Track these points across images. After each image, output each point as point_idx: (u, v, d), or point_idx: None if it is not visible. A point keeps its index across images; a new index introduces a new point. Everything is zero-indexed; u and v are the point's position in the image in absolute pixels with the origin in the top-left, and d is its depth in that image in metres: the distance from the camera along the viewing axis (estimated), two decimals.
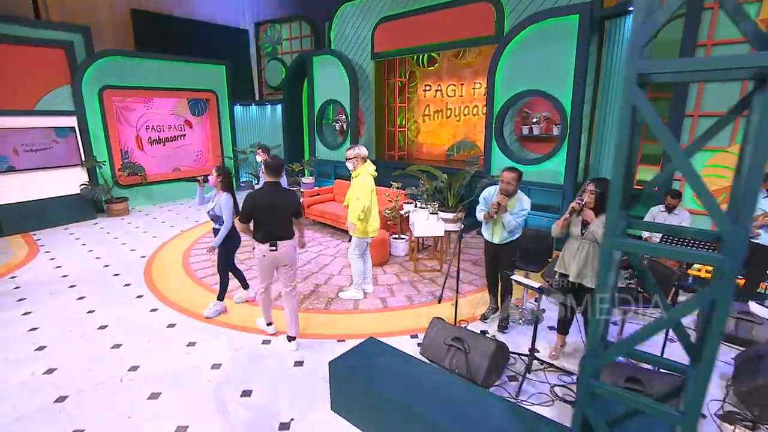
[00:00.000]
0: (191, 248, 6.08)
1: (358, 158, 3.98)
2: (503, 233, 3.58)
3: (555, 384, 3.04)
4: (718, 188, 4.38)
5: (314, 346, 3.56)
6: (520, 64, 5.95)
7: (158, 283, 4.86)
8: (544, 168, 6.05)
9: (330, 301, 4.38)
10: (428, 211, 5.18)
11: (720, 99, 4.23)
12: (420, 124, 9.84)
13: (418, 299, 4.44)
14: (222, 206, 3.76)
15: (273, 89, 11.79)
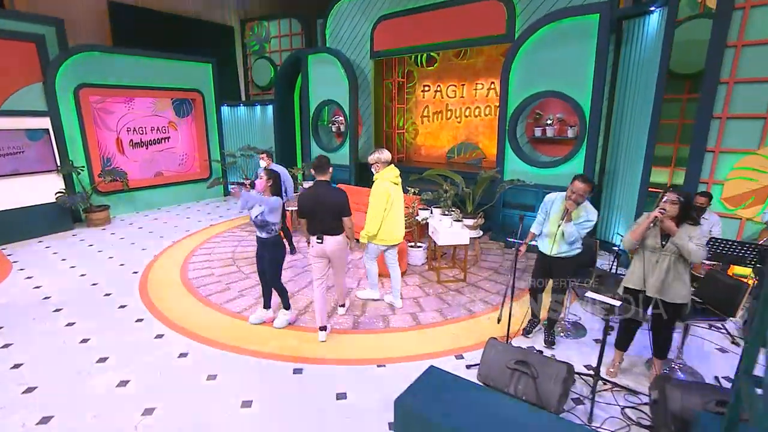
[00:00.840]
0: (188, 261, 5.58)
1: (379, 163, 3.87)
2: (562, 245, 3.34)
3: (625, 406, 2.83)
4: (747, 191, 4.32)
5: (353, 373, 3.21)
6: (536, 64, 5.78)
7: (158, 303, 4.37)
8: (561, 171, 5.91)
9: (357, 319, 4.03)
10: (452, 218, 4.91)
11: (749, 101, 4.16)
12: (418, 126, 9.60)
13: (450, 314, 4.16)
14: (269, 213, 3.50)
15: (261, 89, 11.27)
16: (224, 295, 4.50)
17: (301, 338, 3.69)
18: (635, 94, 5.38)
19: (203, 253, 5.89)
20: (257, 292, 4.58)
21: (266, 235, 3.64)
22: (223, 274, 5.10)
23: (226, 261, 5.58)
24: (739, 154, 4.31)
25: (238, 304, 4.29)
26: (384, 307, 4.30)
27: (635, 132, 5.43)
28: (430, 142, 9.52)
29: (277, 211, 3.54)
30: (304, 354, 3.42)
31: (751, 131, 4.22)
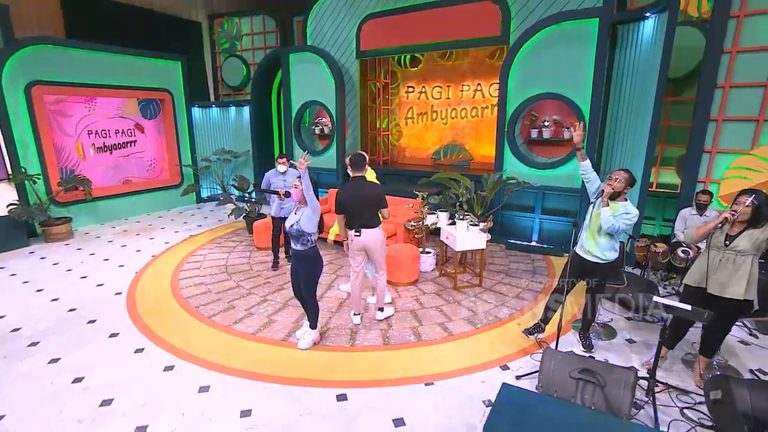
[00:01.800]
0: (177, 277, 5.06)
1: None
2: (599, 247, 3.27)
3: (682, 407, 2.83)
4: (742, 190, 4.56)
5: (401, 395, 2.98)
6: (535, 66, 5.83)
7: (156, 328, 3.88)
8: (560, 172, 6.00)
9: (384, 334, 3.80)
10: (468, 222, 4.80)
11: (743, 104, 4.40)
12: (402, 128, 9.46)
13: (479, 321, 4.04)
14: (306, 221, 3.23)
15: (232, 89, 10.63)
16: (230, 315, 4.09)
17: (332, 359, 3.40)
18: (630, 97, 5.56)
19: (192, 268, 5.37)
20: (266, 309, 4.22)
21: (301, 247, 3.33)
22: (221, 291, 4.66)
23: (220, 275, 5.12)
24: (734, 155, 4.55)
25: (249, 324, 3.91)
26: (409, 317, 4.09)
27: (630, 134, 5.61)
28: (415, 144, 9.41)
29: (314, 219, 3.25)
30: (341, 376, 3.14)
31: (745, 133, 4.46)
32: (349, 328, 3.88)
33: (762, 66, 4.28)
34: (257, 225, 6.09)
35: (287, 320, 4.01)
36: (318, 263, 3.38)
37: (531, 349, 3.57)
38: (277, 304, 4.35)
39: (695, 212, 4.54)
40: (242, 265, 5.47)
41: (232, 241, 6.53)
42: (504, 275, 5.26)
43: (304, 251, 3.32)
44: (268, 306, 4.29)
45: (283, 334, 3.75)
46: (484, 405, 2.87)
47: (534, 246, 6.26)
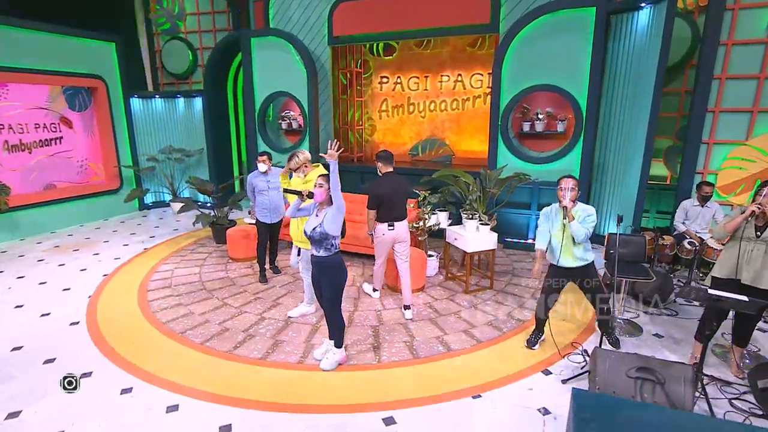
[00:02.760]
0: (146, 298, 4.64)
1: (307, 163, 4.06)
2: (576, 252, 3.42)
3: (731, 398, 3.07)
4: (737, 179, 5.09)
5: (452, 411, 2.95)
6: (530, 56, 6.07)
7: (140, 362, 3.51)
8: (557, 166, 6.29)
9: (410, 346, 3.74)
10: (477, 221, 4.88)
11: (738, 95, 4.91)
12: (376, 121, 9.43)
13: (503, 326, 4.12)
14: (330, 222, 3.09)
15: (176, 77, 9.98)
16: (227, 339, 3.81)
17: (364, 379, 3.29)
18: (624, 88, 5.97)
19: (160, 286, 4.95)
20: (267, 329, 4.00)
21: (325, 252, 3.18)
22: (206, 312, 4.34)
23: (199, 293, 4.77)
24: (730, 145, 5.05)
25: (253, 348, 3.67)
26: (430, 326, 4.07)
27: (625, 126, 6.03)
28: (390, 139, 9.42)
29: (339, 219, 3.11)
30: (379, 397, 3.05)
31: (740, 124, 4.98)
32: (369, 343, 3.78)
33: (756, 58, 4.80)
34: (232, 233, 5.76)
35: (296, 339, 3.82)
36: (343, 272, 3.25)
37: (565, 351, 3.69)
38: (277, 322, 4.13)
39: (697, 203, 4.97)
40: (221, 280, 5.14)
41: (200, 253, 6.11)
42: (511, 276, 5.42)
43: (328, 258, 3.18)
44: (269, 325, 4.06)
45: (298, 356, 3.56)
46: (540, 413, 2.92)
47: (531, 244, 6.50)
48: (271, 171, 4.96)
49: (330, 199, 3.14)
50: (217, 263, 5.71)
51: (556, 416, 2.89)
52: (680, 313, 4.34)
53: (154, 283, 5.06)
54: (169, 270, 5.45)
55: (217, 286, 4.98)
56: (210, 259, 5.88)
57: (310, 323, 4.13)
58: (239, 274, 5.33)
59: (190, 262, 5.75)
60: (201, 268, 5.52)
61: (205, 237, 6.87)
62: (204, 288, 4.91)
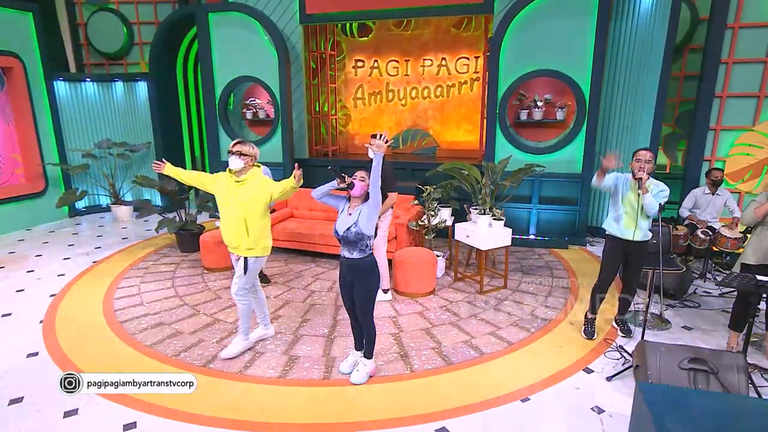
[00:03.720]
0: (115, 320, 4.44)
1: (253, 158, 3.65)
2: (641, 223, 3.84)
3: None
4: (746, 165, 5.68)
5: (500, 415, 3.10)
6: (529, 40, 6.41)
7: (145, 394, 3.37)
8: (558, 157, 6.68)
9: (440, 353, 3.87)
10: (491, 217, 5.10)
11: (745, 80, 5.48)
12: (350, 110, 9.51)
13: (530, 326, 4.35)
14: (366, 220, 3.13)
15: (106, 57, 9.51)
16: (232, 360, 3.75)
17: (402, 390, 3.37)
18: (627, 71, 6.44)
19: (130, 305, 4.74)
20: (275, 345, 3.98)
21: (359, 254, 3.20)
22: (197, 330, 4.23)
23: (181, 310, 4.63)
24: (737, 132, 5.63)
25: (267, 367, 3.64)
26: (454, 330, 4.22)
27: (628, 110, 6.52)
28: (367, 130, 9.50)
29: (375, 217, 3.17)
30: (424, 408, 3.15)
31: (747, 109, 5.56)
32: (394, 352, 3.86)
33: (763, 42, 5.39)
34: (207, 240, 5.62)
35: (313, 354, 3.83)
36: (378, 275, 3.31)
37: (600, 348, 3.97)
38: (285, 336, 4.12)
39: (708, 191, 5.49)
40: (201, 294, 5.02)
41: (165, 264, 5.90)
42: (521, 273, 5.70)
43: (363, 260, 3.22)
44: (277, 341, 4.04)
45: (321, 371, 3.58)
46: (595, 413, 3.14)
47: (533, 239, 6.87)
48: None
49: (366, 195, 3.19)
50: (191, 275, 5.55)
51: (611, 414, 3.12)
52: (702, 305, 4.78)
53: (121, 301, 4.84)
54: (134, 285, 5.23)
55: (200, 300, 4.85)
56: (181, 270, 5.70)
57: (322, 335, 4.15)
58: (222, 286, 5.22)
59: (157, 275, 5.54)
60: (173, 281, 5.35)
61: (165, 245, 6.63)
62: (185, 303, 4.77)
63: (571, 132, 6.63)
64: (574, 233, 6.90)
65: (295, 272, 5.66)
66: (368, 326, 3.40)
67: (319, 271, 5.71)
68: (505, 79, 6.64)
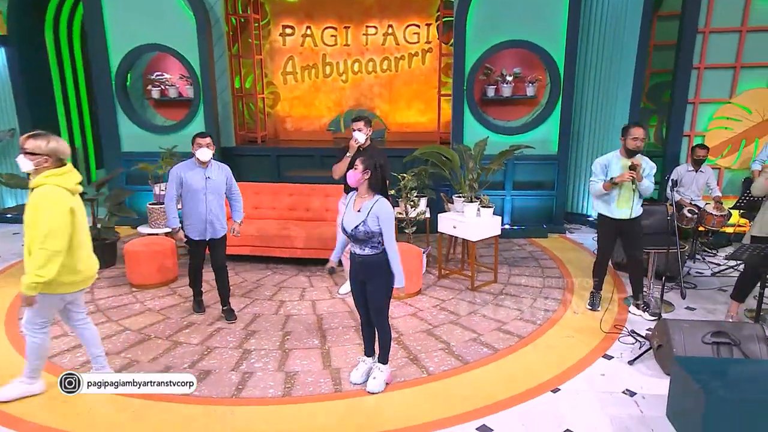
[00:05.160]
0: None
1: (51, 157, 3.25)
2: (635, 204, 4.65)
3: None
4: (725, 140, 6.76)
5: (535, 407, 3.57)
6: (499, 8, 7.06)
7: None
8: (532, 137, 7.39)
9: (452, 353, 4.29)
10: (478, 205, 5.60)
11: (722, 50, 6.53)
12: (279, 87, 9.63)
13: (535, 319, 4.93)
14: (384, 220, 3.44)
15: None
16: (218, 383, 3.84)
17: (424, 394, 3.75)
18: (601, 42, 7.34)
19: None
20: (263, 362, 4.14)
21: (370, 251, 3.50)
22: (158, 357, 4.22)
23: (125, 336, 4.59)
24: (715, 105, 6.68)
25: (264, 386, 3.79)
26: (459, 330, 4.67)
27: (603, 83, 7.42)
28: (300, 112, 9.72)
29: (390, 220, 3.51)
30: (457, 409, 3.54)
31: (724, 80, 6.62)
32: (402, 356, 4.21)
33: (738, 10, 6.45)
34: (135, 249, 5.56)
35: (312, 367, 4.06)
36: (391, 273, 3.61)
37: (612, 334, 4.63)
38: (271, 353, 4.30)
39: (691, 168, 6.45)
40: (142, 316, 5.00)
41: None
42: (507, 266, 6.33)
43: (376, 256, 3.53)
44: (264, 356, 4.22)
45: (329, 385, 3.83)
46: (627, 396, 3.73)
47: (508, 229, 7.53)
48: (211, 163, 4.74)
49: (371, 189, 3.51)
50: (117, 295, 5.46)
51: (643, 395, 3.72)
52: (698, 285, 5.68)
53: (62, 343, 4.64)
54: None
55: (146, 323, 4.83)
56: (99, 291, 5.56)
57: (314, 347, 4.39)
58: (166, 304, 5.23)
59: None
60: (96, 304, 5.23)
61: None
62: (126, 328, 4.73)
63: (544, 109, 7.39)
64: (551, 220, 7.69)
65: (251, 282, 5.78)
66: (383, 329, 3.72)
67: (279, 279, 5.89)
68: (473, 52, 7.22)
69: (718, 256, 6.51)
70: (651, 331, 4.40)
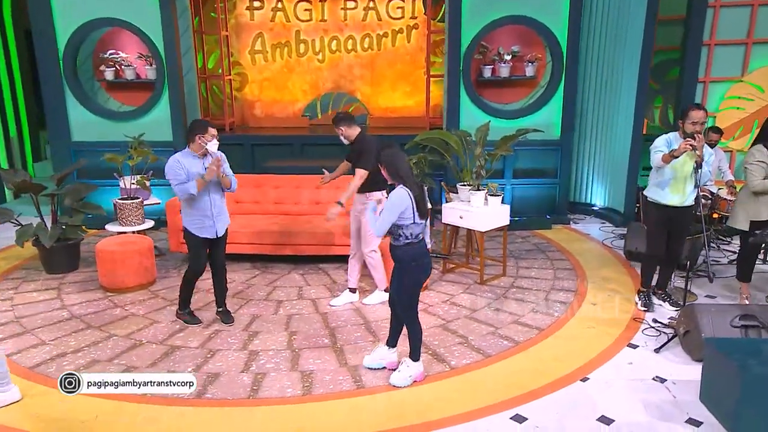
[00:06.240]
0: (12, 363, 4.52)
1: None
2: (690, 191, 5.08)
3: None
4: (736, 121, 7.39)
5: (566, 396, 4.00)
6: None
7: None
8: (533, 121, 7.86)
9: (473, 346, 4.70)
10: (486, 193, 6.00)
11: (733, 25, 7.14)
12: (246, 69, 9.87)
13: (554, 312, 5.39)
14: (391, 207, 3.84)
15: None
16: (228, 385, 4.15)
17: (450, 388, 4.14)
18: (605, 17, 7.86)
19: (25, 346, 4.77)
20: (276, 363, 4.46)
21: (394, 241, 3.92)
22: (156, 362, 4.50)
23: (113, 342, 4.82)
24: (727, 83, 7.29)
25: (280, 386, 4.12)
26: (474, 324, 5.09)
27: (608, 63, 7.96)
28: (272, 95, 10.00)
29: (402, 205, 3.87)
30: (488, 400, 3.95)
31: (736, 57, 7.24)
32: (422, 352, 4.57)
33: None
34: (108, 247, 5.77)
35: (328, 366, 4.40)
36: (412, 269, 3.97)
37: (632, 325, 5.13)
38: (280, 353, 4.62)
39: None
40: (125, 321, 5.22)
41: (37, 292, 5.88)
42: (513, 259, 6.78)
43: (397, 248, 3.94)
44: (274, 357, 4.55)
45: (349, 382, 4.18)
46: (658, 382, 4.20)
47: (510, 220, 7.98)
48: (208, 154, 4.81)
49: (392, 180, 3.99)
50: (92, 299, 5.67)
51: (674, 381, 4.20)
52: (716, 273, 6.25)
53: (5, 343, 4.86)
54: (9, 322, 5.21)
55: (132, 328, 5.06)
56: (69, 296, 5.76)
57: (325, 345, 4.75)
58: (150, 308, 5.47)
59: (35, 305, 5.55)
60: (69, 310, 5.44)
61: (28, 265, 6.58)
62: (112, 334, 4.94)
63: (546, 91, 7.89)
64: (554, 210, 8.20)
65: (240, 282, 6.06)
66: (409, 323, 4.11)
67: (271, 278, 6.18)
68: (470, 29, 7.64)
69: (732, 243, 7.11)
70: (675, 319, 4.90)
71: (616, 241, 7.41)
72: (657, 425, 3.68)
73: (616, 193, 8.20)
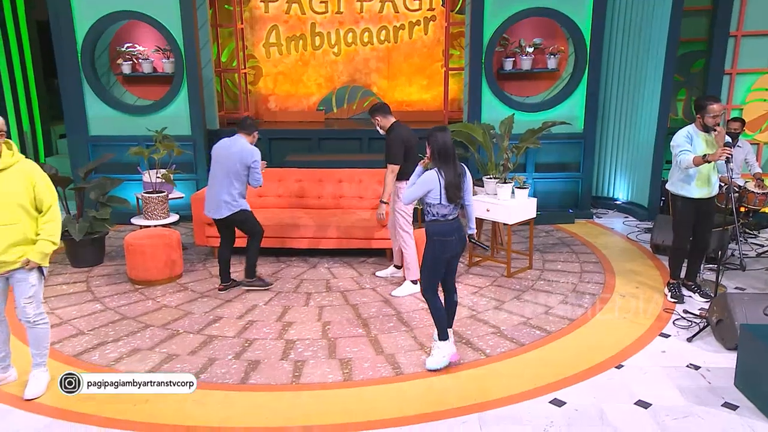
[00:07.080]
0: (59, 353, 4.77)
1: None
2: (715, 182, 5.36)
3: None
4: (763, 113, 7.62)
5: (603, 382, 4.24)
6: None
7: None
8: (556, 114, 8.09)
9: (506, 336, 4.95)
10: (513, 185, 6.25)
11: (762, 16, 7.37)
12: (261, 62, 10.09)
13: (584, 303, 5.64)
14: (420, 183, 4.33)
15: None
16: (269, 371, 4.42)
17: (487, 374, 4.41)
18: (629, 12, 8.10)
19: (66, 335, 5.03)
20: (311, 348, 4.78)
21: (426, 217, 4.36)
22: (196, 350, 4.77)
23: (151, 332, 5.08)
24: (755, 75, 7.52)
25: (320, 372, 4.39)
26: (503, 314, 5.35)
27: (631, 56, 8.19)
28: (286, 89, 10.23)
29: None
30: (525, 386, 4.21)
31: (764, 49, 7.47)
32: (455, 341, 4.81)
33: None
34: (135, 242, 6.02)
35: (365, 354, 4.67)
36: (433, 245, 4.29)
37: (664, 315, 5.37)
38: (316, 342, 4.91)
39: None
40: (159, 312, 5.52)
41: (67, 284, 6.16)
42: (539, 252, 7.02)
43: (427, 225, 4.36)
44: (312, 345, 4.86)
45: (389, 369, 4.44)
46: (692, 369, 4.45)
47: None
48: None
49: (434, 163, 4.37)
50: (122, 292, 5.96)
51: (708, 368, 4.45)
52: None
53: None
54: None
55: (167, 319, 5.32)
56: (99, 289, 6.04)
57: (360, 335, 5.01)
58: (182, 300, 5.75)
59: (69, 297, 5.83)
60: (101, 302, 5.69)
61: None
62: (148, 325, 5.21)
63: (568, 83, 8.12)
64: (577, 205, 8.44)
65: (267, 275, 6.29)
66: (428, 303, 4.43)
67: (297, 272, 6.44)
68: (492, 21, 7.88)
69: (759, 236, 7.35)
70: (706, 309, 5.14)
71: (641, 235, 7.65)
72: (694, 409, 3.91)
73: (640, 188, 8.43)
